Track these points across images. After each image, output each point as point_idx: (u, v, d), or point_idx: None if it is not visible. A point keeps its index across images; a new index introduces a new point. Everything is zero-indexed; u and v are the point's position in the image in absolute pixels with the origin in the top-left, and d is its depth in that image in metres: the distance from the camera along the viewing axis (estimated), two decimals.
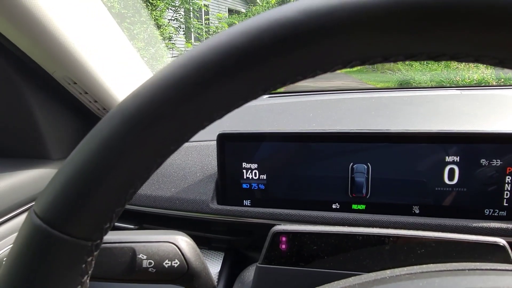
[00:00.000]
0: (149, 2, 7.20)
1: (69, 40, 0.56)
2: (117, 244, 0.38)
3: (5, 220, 0.59)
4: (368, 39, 0.16)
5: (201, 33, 9.63)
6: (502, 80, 7.37)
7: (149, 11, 7.18)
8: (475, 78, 7.78)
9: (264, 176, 0.57)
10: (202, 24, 9.99)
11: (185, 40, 9.28)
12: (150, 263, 0.39)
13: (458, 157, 0.51)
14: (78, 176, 0.19)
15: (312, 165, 0.56)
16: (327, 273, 0.41)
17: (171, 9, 8.19)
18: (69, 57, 0.58)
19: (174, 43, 8.30)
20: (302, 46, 0.16)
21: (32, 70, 0.61)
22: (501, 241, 0.38)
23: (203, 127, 0.19)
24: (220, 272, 0.59)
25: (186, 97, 0.18)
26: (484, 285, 0.25)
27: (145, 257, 0.39)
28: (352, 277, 0.29)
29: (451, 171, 0.52)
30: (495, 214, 0.51)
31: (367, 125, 0.63)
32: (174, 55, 8.59)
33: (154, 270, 0.39)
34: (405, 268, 0.29)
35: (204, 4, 9.85)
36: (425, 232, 0.40)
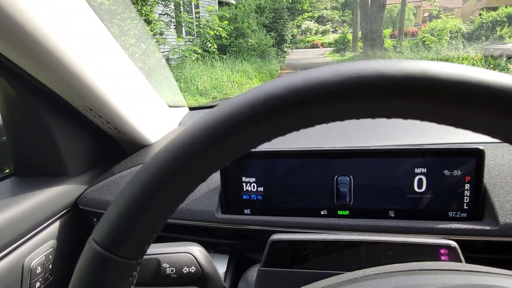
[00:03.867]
0: None
1: (86, 75, 0.64)
2: (146, 257, 0.47)
3: (40, 230, 0.67)
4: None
5: (192, 27, 9.62)
6: (491, 66, 7.48)
7: (139, 7, 7.16)
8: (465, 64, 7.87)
9: (261, 188, 0.66)
10: (192, 18, 9.98)
11: (176, 34, 9.29)
12: (172, 270, 0.48)
13: (425, 168, 0.60)
14: (127, 213, 0.27)
15: (303, 178, 0.65)
16: (316, 273, 0.50)
17: (161, 4, 8.16)
18: (86, 89, 0.66)
19: (165, 38, 8.30)
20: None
21: (54, 99, 0.69)
22: (453, 243, 0.48)
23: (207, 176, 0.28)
24: (226, 273, 0.68)
25: (187, 164, 0.27)
26: (426, 281, 0.34)
27: (168, 265, 0.48)
28: (333, 277, 0.39)
29: (420, 181, 0.61)
30: (457, 216, 0.61)
31: (351, 141, 0.71)
32: (165, 50, 8.60)
33: (176, 275, 0.48)
34: (374, 269, 0.39)
35: None
36: (392, 237, 0.49)
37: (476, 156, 0.58)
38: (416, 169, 0.61)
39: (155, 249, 0.49)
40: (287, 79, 0.25)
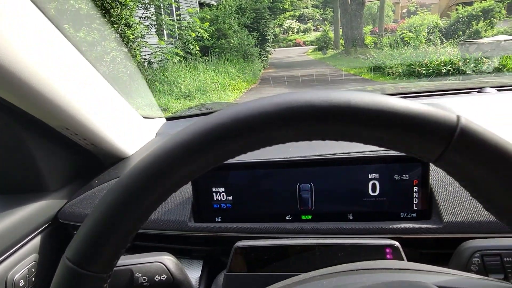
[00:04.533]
0: (118, 1, 7.11)
1: (58, 98, 0.67)
2: (119, 268, 0.51)
3: (22, 244, 0.70)
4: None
5: (173, 29, 9.60)
6: (468, 60, 7.69)
7: (119, 11, 7.10)
8: (442, 59, 8.11)
9: (230, 197, 0.71)
10: (173, 20, 9.95)
11: (158, 37, 9.25)
12: (144, 279, 0.52)
13: (378, 174, 0.66)
14: (95, 231, 0.32)
15: (268, 186, 0.70)
16: (276, 275, 0.55)
17: (141, 7, 8.12)
18: (60, 111, 0.70)
19: (146, 41, 8.26)
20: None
21: (32, 121, 0.72)
22: (395, 243, 0.53)
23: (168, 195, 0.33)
24: (200, 278, 0.73)
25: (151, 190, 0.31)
26: (361, 280, 0.39)
27: (140, 275, 0.52)
28: (286, 280, 0.44)
29: (374, 185, 0.67)
30: (408, 216, 0.67)
31: (315, 149, 0.76)
32: (147, 53, 8.56)
33: (148, 284, 0.52)
34: (322, 270, 0.44)
35: (174, 0, 9.79)
36: (344, 239, 0.55)
37: (422, 161, 0.64)
38: (369, 174, 0.67)
39: (128, 260, 0.53)
40: (234, 110, 0.30)
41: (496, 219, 0.32)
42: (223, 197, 0.72)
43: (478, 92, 1.15)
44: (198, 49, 9.60)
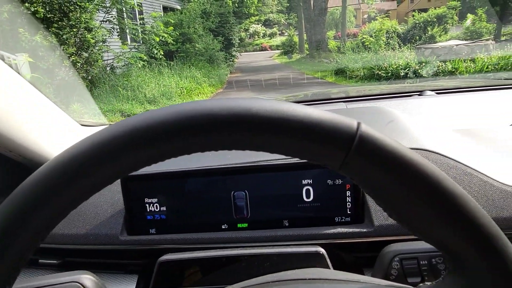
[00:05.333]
0: (77, 5, 6.88)
1: None
2: None
3: None
4: None
5: (136, 33, 9.40)
6: (424, 63, 8.05)
7: (78, 14, 6.87)
8: (400, 63, 8.46)
9: (164, 208, 0.69)
10: (137, 25, 9.74)
11: (120, 42, 9.02)
12: None
13: (311, 180, 0.66)
14: None
15: (202, 195, 0.68)
16: None
17: (102, 11, 7.89)
18: None
19: (108, 46, 8.03)
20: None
21: None
22: (321, 250, 0.53)
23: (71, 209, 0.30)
24: None
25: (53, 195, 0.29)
26: None
27: None
28: None
29: (308, 191, 0.66)
30: (343, 220, 0.67)
31: (248, 156, 0.75)
32: (109, 58, 8.32)
33: None
34: (244, 282, 0.42)
35: (137, 3, 9.59)
36: (270, 249, 0.54)
37: None
38: (303, 180, 0.66)
39: (39, 282, 0.49)
40: (131, 120, 0.29)
41: (400, 225, 0.32)
42: (157, 208, 0.69)
43: (419, 95, 1.19)
44: (162, 53, 9.46)
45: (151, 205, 0.69)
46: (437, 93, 1.18)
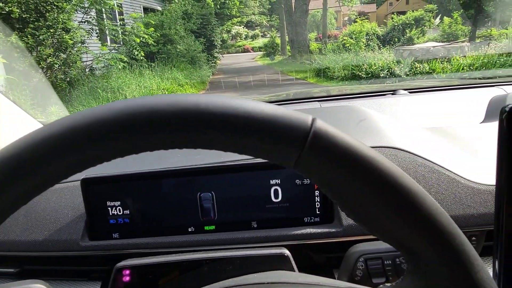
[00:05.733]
0: (54, 5, 6.71)
1: None
2: None
3: None
4: None
5: (116, 34, 9.24)
6: (402, 65, 8.22)
7: (55, 14, 6.70)
8: (380, 64, 8.61)
9: (127, 211, 0.66)
10: (117, 25, 9.58)
11: (100, 43, 8.84)
12: None
13: (279, 179, 0.64)
14: None
15: (167, 197, 0.65)
16: None
17: (80, 11, 7.72)
18: None
19: (87, 47, 7.86)
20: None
21: None
22: (285, 252, 0.52)
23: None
24: None
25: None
26: None
27: None
28: None
29: (276, 191, 0.65)
30: (312, 221, 0.65)
31: (214, 156, 0.73)
32: (89, 59, 8.15)
33: None
34: (208, 286, 0.40)
35: (116, 4, 9.43)
36: (233, 252, 0.52)
37: None
38: (271, 180, 0.65)
39: None
40: (70, 118, 0.26)
41: (358, 224, 0.30)
42: (120, 212, 0.66)
43: (392, 94, 1.19)
44: (143, 54, 9.34)
45: (114, 208, 0.66)
46: (410, 92, 1.18)
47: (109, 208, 0.66)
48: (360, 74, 8.45)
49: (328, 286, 0.35)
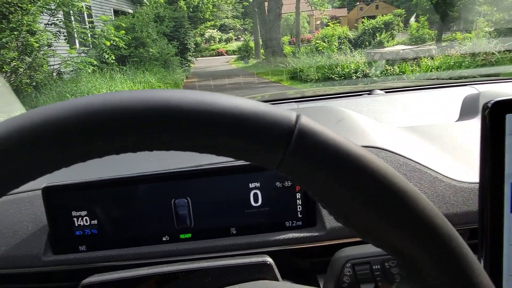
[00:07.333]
0: (18, 6, 6.44)
1: None
2: None
3: None
4: None
5: (85, 37, 8.97)
6: (374, 67, 8.43)
7: (19, 16, 6.42)
8: (352, 67, 8.80)
9: (95, 221, 0.61)
10: (86, 28, 9.30)
11: (68, 46, 8.55)
12: None
13: (259, 183, 0.61)
14: None
15: (139, 205, 0.61)
16: None
17: (47, 13, 7.45)
18: None
19: (54, 50, 7.59)
20: None
21: None
22: (268, 260, 0.48)
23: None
24: None
25: None
26: None
27: None
28: None
29: (255, 195, 0.61)
30: (294, 225, 0.63)
31: (189, 160, 0.69)
32: (56, 63, 7.85)
33: None
34: None
35: (85, 6, 9.15)
36: (210, 262, 0.48)
37: None
38: (250, 184, 0.61)
39: None
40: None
41: (348, 228, 0.28)
42: (87, 222, 0.61)
43: (368, 94, 1.19)
44: (114, 58, 9.11)
45: (80, 218, 0.60)
46: (385, 92, 1.19)
47: (75, 219, 0.60)
48: (333, 76, 8.60)
49: None
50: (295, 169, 0.25)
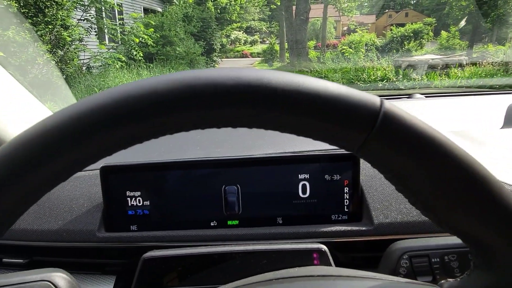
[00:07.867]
0: (54, 1, 6.67)
1: None
2: None
3: None
4: None
5: (115, 33, 9.20)
6: (401, 76, 8.28)
7: (54, 11, 6.65)
8: (378, 74, 8.66)
9: (147, 202, 0.63)
10: (116, 25, 9.54)
11: (98, 41, 8.79)
12: None
13: (308, 174, 0.62)
14: None
15: (190, 189, 0.63)
16: None
17: (80, 9, 7.69)
18: None
19: (85, 45, 7.81)
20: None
21: None
22: (323, 247, 0.49)
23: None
24: None
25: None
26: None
27: None
28: None
29: (304, 186, 0.62)
30: (339, 218, 0.63)
31: (243, 149, 0.71)
32: (86, 57, 8.09)
33: None
34: (239, 281, 0.38)
35: (117, 3, 9.40)
36: (268, 245, 0.49)
37: (352, 160, 0.61)
38: (299, 175, 0.62)
39: (5, 279, 0.43)
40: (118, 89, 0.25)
41: (423, 214, 0.28)
42: (139, 202, 0.63)
43: (408, 97, 1.18)
44: (142, 55, 9.30)
45: (133, 199, 0.63)
46: (426, 97, 1.17)
47: (128, 199, 0.63)
48: (358, 83, 8.50)
49: (388, 280, 0.32)
50: (375, 152, 0.26)
